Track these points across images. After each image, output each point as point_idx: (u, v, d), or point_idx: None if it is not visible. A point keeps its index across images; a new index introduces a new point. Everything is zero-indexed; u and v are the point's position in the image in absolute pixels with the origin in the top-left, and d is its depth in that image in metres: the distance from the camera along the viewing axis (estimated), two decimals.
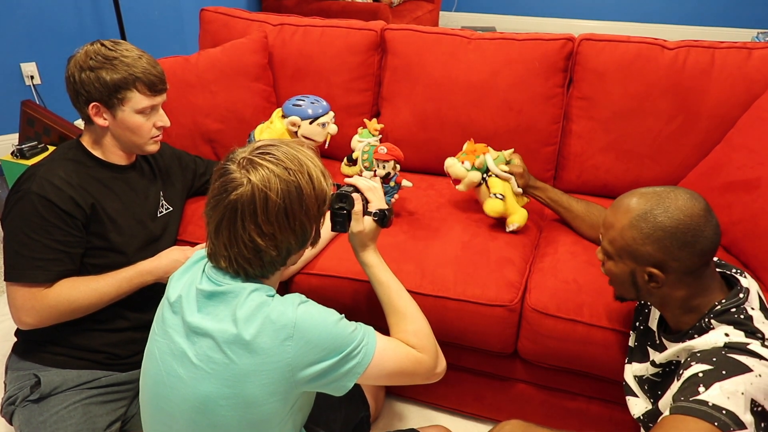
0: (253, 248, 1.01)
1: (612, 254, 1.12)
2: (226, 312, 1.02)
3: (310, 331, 1.00)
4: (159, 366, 1.07)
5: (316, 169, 1.05)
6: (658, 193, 1.07)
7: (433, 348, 1.19)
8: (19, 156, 2.36)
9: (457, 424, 1.68)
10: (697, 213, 1.03)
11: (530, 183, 1.64)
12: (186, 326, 1.04)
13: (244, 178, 0.99)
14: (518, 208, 1.63)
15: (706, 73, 1.71)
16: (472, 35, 1.93)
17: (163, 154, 1.61)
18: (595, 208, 1.59)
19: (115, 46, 1.34)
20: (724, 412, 0.91)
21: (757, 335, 1.00)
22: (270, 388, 1.00)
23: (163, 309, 1.11)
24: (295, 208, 1.02)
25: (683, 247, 1.03)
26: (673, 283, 1.07)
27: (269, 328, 0.99)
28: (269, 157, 1.01)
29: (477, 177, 1.60)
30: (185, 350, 1.03)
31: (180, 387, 1.03)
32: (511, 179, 1.62)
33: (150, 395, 1.11)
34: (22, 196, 1.30)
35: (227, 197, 0.99)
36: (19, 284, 1.31)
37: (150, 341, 1.12)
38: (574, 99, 1.85)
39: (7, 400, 1.38)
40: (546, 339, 1.44)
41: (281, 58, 2.09)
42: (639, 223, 1.06)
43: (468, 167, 1.61)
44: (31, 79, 3.11)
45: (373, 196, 1.28)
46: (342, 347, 1.02)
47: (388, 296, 1.24)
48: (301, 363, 1.00)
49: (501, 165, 1.61)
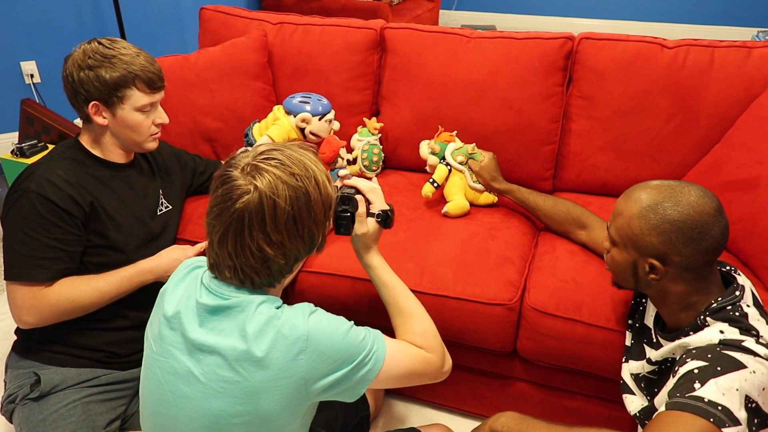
0: (261, 257, 0.98)
1: (617, 241, 1.13)
2: (233, 327, 0.98)
3: (322, 342, 0.98)
4: (162, 386, 1.03)
5: (321, 173, 1.03)
6: (672, 186, 1.07)
7: (440, 347, 1.18)
8: (18, 154, 2.35)
9: (456, 422, 1.69)
10: (707, 211, 1.03)
11: (494, 185, 1.69)
12: (189, 343, 1.00)
13: (250, 185, 0.95)
14: (458, 197, 1.72)
15: (706, 72, 1.71)
16: (471, 34, 1.93)
17: (162, 152, 1.61)
18: (564, 204, 1.62)
19: (113, 44, 1.34)
20: (720, 408, 0.91)
21: (751, 332, 1.00)
22: (284, 403, 0.98)
23: (160, 325, 1.05)
24: (304, 215, 0.99)
25: (688, 243, 1.03)
26: (673, 277, 1.07)
27: (282, 343, 0.96)
28: (274, 162, 0.97)
29: (434, 161, 1.75)
30: (190, 368, 0.99)
31: (187, 406, 1.00)
32: (465, 171, 1.72)
33: (152, 415, 1.07)
34: (21, 195, 1.30)
35: (233, 205, 0.95)
36: (18, 283, 1.31)
37: (148, 359, 1.07)
38: (573, 98, 1.85)
39: (7, 398, 1.39)
40: (545, 338, 1.44)
41: (281, 57, 2.09)
42: (648, 214, 1.06)
43: (428, 152, 1.77)
44: (31, 77, 3.11)
45: (375, 197, 1.26)
46: (354, 356, 1.01)
47: (393, 297, 1.23)
48: (315, 375, 0.98)
49: (458, 156, 1.72)
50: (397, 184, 1.92)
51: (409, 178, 1.97)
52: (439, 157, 1.74)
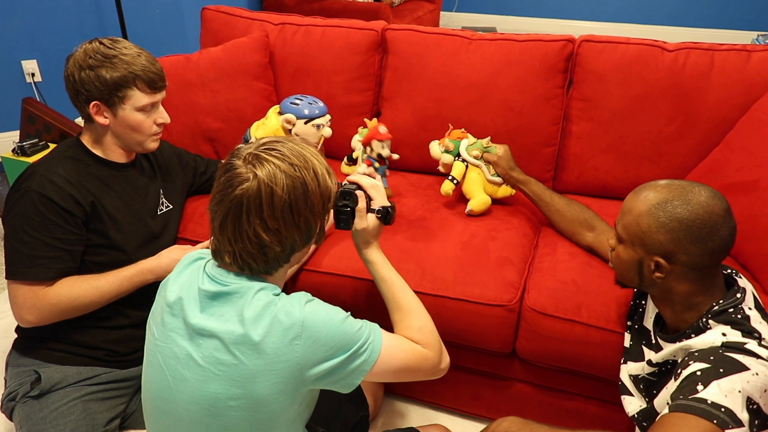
0: (257, 243, 1.01)
1: (624, 239, 1.13)
2: (232, 312, 1.01)
3: (317, 329, 1.00)
4: (163, 370, 1.06)
5: (321, 166, 1.06)
6: (683, 185, 1.07)
7: (437, 344, 1.19)
8: (19, 153, 2.36)
9: (455, 423, 1.69)
10: (716, 211, 1.03)
11: (513, 174, 1.67)
12: (189, 328, 1.03)
13: (250, 173, 0.99)
14: (479, 193, 1.69)
15: (706, 75, 1.72)
16: (472, 36, 1.94)
17: (163, 151, 1.61)
18: (577, 204, 1.61)
19: (114, 44, 1.34)
20: (723, 410, 0.92)
21: (753, 335, 1.01)
22: (279, 387, 1.00)
23: (162, 313, 1.09)
24: (300, 204, 1.02)
25: (696, 242, 1.03)
26: (678, 276, 1.07)
27: (277, 328, 0.99)
28: (275, 153, 1.02)
29: (449, 159, 1.71)
30: (190, 352, 1.02)
31: (186, 390, 1.03)
32: (482, 166, 1.69)
33: (154, 400, 1.10)
34: (23, 195, 1.31)
35: (233, 192, 1.00)
36: (20, 282, 1.32)
37: (150, 345, 1.11)
38: (574, 100, 1.86)
39: (7, 396, 1.39)
40: (544, 339, 1.45)
41: (282, 58, 2.09)
42: (656, 212, 1.06)
43: (441, 150, 1.73)
44: (32, 76, 3.12)
45: (376, 193, 1.28)
46: (349, 345, 1.03)
47: (392, 293, 1.24)
48: (310, 362, 1.00)
49: (473, 152, 1.69)
50: (397, 184, 1.93)
51: (410, 179, 1.97)
52: (453, 154, 1.71)
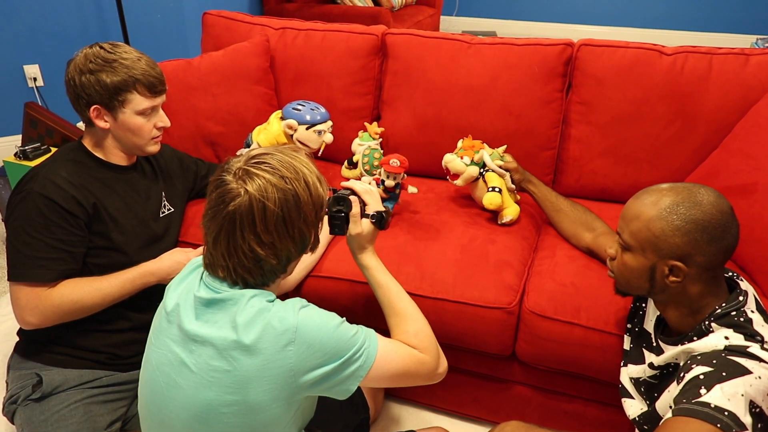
0: (253, 258, 1.01)
1: (632, 246, 1.10)
2: (225, 319, 1.01)
3: (311, 335, 1.00)
4: (156, 376, 1.06)
5: (311, 175, 1.05)
6: (688, 188, 1.07)
7: (435, 348, 1.19)
8: (21, 157, 2.36)
9: (455, 425, 1.69)
10: (726, 210, 1.04)
11: (525, 177, 1.71)
12: (183, 334, 1.03)
13: (240, 189, 0.99)
14: (512, 202, 1.71)
15: (704, 78, 1.73)
16: (472, 40, 1.95)
17: (164, 154, 1.62)
18: (581, 206, 1.65)
19: (114, 49, 1.35)
20: (726, 414, 0.92)
21: (756, 338, 1.01)
22: (273, 394, 1.00)
23: (160, 319, 1.10)
24: (293, 216, 1.02)
25: (712, 242, 1.03)
26: (692, 278, 1.06)
27: (270, 333, 0.99)
28: (264, 166, 1.01)
29: (475, 171, 1.67)
30: (183, 359, 1.02)
31: (179, 396, 1.03)
32: (506, 175, 1.69)
33: (148, 405, 1.10)
34: (25, 196, 1.31)
35: (225, 208, 0.99)
36: (22, 284, 1.32)
37: (147, 351, 1.12)
38: (573, 104, 1.87)
39: (9, 399, 1.39)
40: (544, 342, 1.45)
41: (283, 62, 2.10)
42: (669, 215, 1.05)
43: (467, 162, 1.67)
44: (34, 81, 3.12)
45: (370, 198, 1.28)
46: (343, 351, 1.02)
47: (388, 298, 1.24)
48: (303, 368, 1.00)
49: (496, 161, 1.69)
50: None
51: (409, 182, 1.97)
52: (480, 166, 1.67)
